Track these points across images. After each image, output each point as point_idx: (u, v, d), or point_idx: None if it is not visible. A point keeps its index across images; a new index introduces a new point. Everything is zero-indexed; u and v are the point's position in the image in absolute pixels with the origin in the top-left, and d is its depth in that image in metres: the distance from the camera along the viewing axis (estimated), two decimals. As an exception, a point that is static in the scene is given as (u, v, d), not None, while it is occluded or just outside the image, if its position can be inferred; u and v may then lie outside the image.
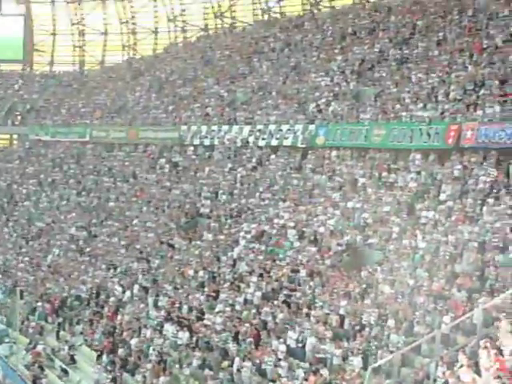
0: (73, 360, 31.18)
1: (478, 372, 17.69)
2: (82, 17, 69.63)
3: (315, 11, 52.14)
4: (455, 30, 37.38)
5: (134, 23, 66.95)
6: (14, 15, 70.33)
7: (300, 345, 24.29)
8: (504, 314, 19.62)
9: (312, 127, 36.84)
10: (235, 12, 60.06)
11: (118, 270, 36.61)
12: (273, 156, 38.50)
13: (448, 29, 37.87)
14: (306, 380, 22.42)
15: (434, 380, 19.16)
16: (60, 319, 34.64)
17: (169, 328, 29.33)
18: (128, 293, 33.97)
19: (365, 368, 21.17)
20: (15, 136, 61.04)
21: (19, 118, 60.80)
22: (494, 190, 26.55)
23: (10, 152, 60.14)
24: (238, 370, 24.82)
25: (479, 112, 29.58)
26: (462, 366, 16.37)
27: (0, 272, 42.44)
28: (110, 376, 28.15)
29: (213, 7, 60.97)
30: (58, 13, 70.07)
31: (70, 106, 58.69)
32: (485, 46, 34.01)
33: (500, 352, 16.56)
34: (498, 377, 15.14)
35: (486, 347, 16.13)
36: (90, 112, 55.89)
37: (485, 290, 21.91)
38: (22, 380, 31.13)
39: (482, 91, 30.81)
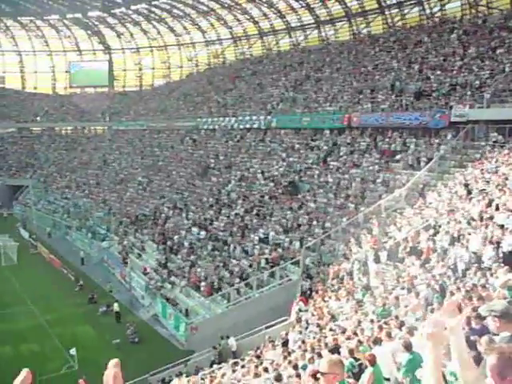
0: (143, 248, 30.98)
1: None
2: (140, 60, 66.97)
3: (269, 54, 50.64)
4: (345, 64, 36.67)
5: (169, 62, 64.75)
6: (103, 60, 67.93)
7: (266, 236, 24.27)
8: (374, 216, 19.66)
9: (269, 117, 36.01)
10: (224, 54, 58.11)
11: (166, 198, 36.11)
12: (248, 134, 37.67)
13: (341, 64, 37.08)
14: (270, 254, 22.45)
15: (339, 251, 19.29)
16: (135, 227, 34.28)
17: (194, 229, 29.19)
18: (171, 211, 33.65)
19: (301, 247, 21.24)
20: (106, 127, 59.31)
21: (108, 117, 59.05)
22: (369, 149, 26.46)
23: (103, 136, 58.66)
24: (233, 251, 24.84)
25: (360, 107, 29.17)
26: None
27: (101, 202, 41.78)
28: (164, 256, 28.11)
29: (213, 51, 59.14)
30: (127, 58, 67.71)
31: (134, 110, 57.03)
32: (362, 71, 33.38)
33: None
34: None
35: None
36: (147, 112, 54.32)
37: (364, 204, 21.88)
38: (117, 260, 31.09)
39: (361, 96, 30.34)
